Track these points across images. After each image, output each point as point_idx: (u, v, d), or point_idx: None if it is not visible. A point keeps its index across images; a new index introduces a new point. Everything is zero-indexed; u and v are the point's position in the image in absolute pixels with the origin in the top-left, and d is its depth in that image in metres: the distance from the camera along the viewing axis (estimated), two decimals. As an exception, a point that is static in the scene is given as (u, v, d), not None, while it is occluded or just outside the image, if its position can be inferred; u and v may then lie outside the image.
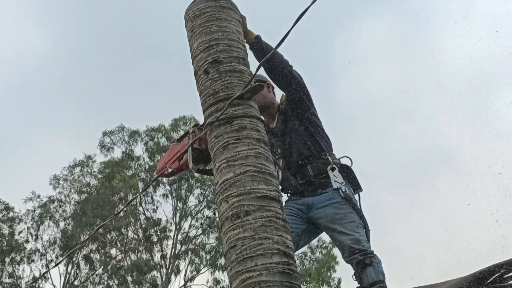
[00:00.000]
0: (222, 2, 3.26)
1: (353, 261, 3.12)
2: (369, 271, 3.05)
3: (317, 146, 3.53)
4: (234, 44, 3.14)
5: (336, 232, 3.22)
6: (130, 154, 27.20)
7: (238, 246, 2.52)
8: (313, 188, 3.41)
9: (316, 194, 3.39)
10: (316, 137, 3.56)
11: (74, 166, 27.31)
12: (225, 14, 3.23)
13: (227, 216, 2.63)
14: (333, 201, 3.31)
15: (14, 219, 26.57)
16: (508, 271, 2.30)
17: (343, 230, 3.21)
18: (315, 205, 3.37)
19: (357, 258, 3.11)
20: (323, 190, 3.37)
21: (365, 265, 3.08)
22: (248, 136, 2.83)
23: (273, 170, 2.83)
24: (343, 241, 3.18)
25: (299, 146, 3.52)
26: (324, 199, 3.34)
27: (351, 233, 3.19)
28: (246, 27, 3.49)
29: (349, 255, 3.14)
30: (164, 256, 25.34)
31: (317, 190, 3.40)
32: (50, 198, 26.71)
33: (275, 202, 2.67)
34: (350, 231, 3.20)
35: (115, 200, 25.60)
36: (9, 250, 25.61)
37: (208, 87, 3.02)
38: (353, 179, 3.49)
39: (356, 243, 3.14)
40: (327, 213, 3.29)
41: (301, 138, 3.54)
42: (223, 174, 2.75)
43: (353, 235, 3.18)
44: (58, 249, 25.89)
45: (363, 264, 3.08)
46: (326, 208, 3.30)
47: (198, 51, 3.15)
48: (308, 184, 3.43)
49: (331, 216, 3.26)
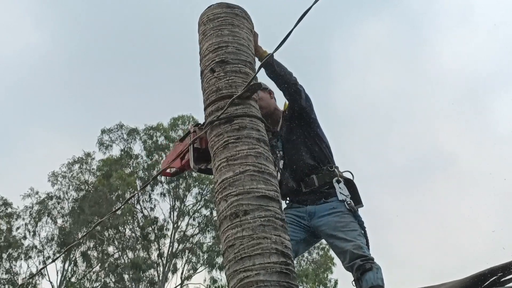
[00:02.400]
0: (236, 10, 3.32)
1: (353, 266, 3.12)
2: (369, 276, 3.05)
3: (322, 157, 3.55)
4: (243, 48, 3.18)
5: (337, 238, 3.22)
6: (129, 152, 27.17)
7: (236, 245, 2.52)
8: (317, 197, 3.43)
9: (319, 203, 3.40)
10: (321, 148, 3.59)
11: (73, 163, 27.33)
12: (238, 21, 3.28)
13: (225, 215, 2.63)
14: (336, 210, 3.32)
15: (12, 215, 26.55)
16: (506, 274, 2.30)
17: (345, 237, 3.21)
18: (317, 213, 3.37)
19: (357, 263, 3.11)
20: (326, 200, 3.39)
21: (365, 270, 3.07)
22: (248, 136, 2.84)
23: (273, 170, 2.83)
24: (344, 247, 3.18)
25: (304, 155, 3.54)
26: (327, 207, 3.35)
27: (352, 239, 3.20)
28: (258, 43, 3.52)
29: (349, 261, 3.15)
30: (161, 254, 25.32)
31: (320, 200, 3.41)
32: (49, 195, 26.70)
33: (274, 202, 2.67)
34: (351, 238, 3.21)
35: (112, 198, 25.57)
36: (7, 246, 25.59)
37: (212, 84, 3.04)
38: (355, 194, 3.51)
39: (357, 249, 3.15)
40: (329, 221, 3.30)
41: (307, 147, 3.57)
42: (222, 173, 2.75)
43: (354, 241, 3.19)
44: (55, 245, 25.87)
45: (363, 269, 3.08)
46: (328, 217, 3.31)
47: (207, 52, 3.18)
48: (312, 194, 3.45)
49: (333, 224, 3.27)
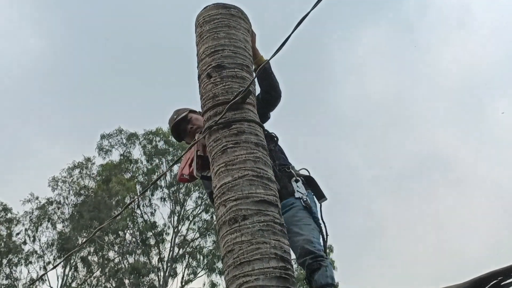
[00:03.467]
0: (232, 10, 3.30)
1: (304, 264, 3.13)
2: (318, 276, 3.05)
3: (281, 159, 3.59)
4: (239, 51, 3.17)
5: (292, 232, 3.21)
6: (128, 157, 27.17)
7: (235, 250, 2.52)
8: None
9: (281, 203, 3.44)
10: (278, 151, 3.62)
11: (73, 168, 27.31)
12: (234, 22, 3.26)
13: (224, 220, 2.63)
14: (292, 206, 3.35)
15: (12, 220, 26.52)
16: (505, 278, 2.30)
17: (298, 231, 3.23)
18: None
19: (307, 262, 3.11)
20: (286, 199, 3.39)
21: (313, 269, 3.08)
22: (246, 141, 2.84)
23: (271, 174, 2.84)
24: (296, 242, 3.19)
25: None
26: (286, 204, 3.36)
27: (304, 233, 3.21)
28: (255, 44, 3.52)
29: (299, 257, 3.16)
30: (161, 259, 25.30)
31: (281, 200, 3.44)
32: (49, 200, 26.68)
33: (273, 206, 2.68)
34: (304, 231, 3.22)
35: (112, 203, 25.55)
36: (7, 252, 25.56)
37: (209, 90, 3.04)
38: (316, 189, 3.59)
39: (308, 243, 3.15)
40: (286, 217, 3.31)
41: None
42: (221, 178, 2.75)
43: (306, 235, 3.20)
44: (55, 251, 25.85)
45: (311, 268, 3.09)
46: (286, 213, 3.31)
47: (203, 56, 3.17)
48: None
49: (288, 219, 3.27)
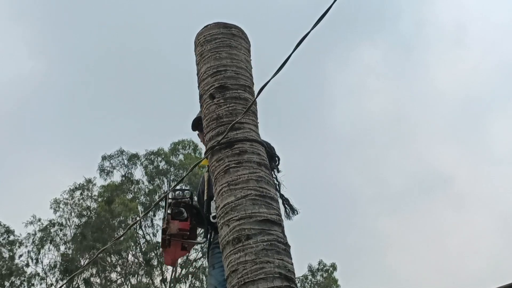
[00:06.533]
0: (233, 30, 3.30)
1: None
2: None
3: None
4: (241, 72, 3.17)
5: None
6: (130, 178, 27.15)
7: (239, 270, 2.51)
8: None
9: None
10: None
11: (74, 189, 27.27)
12: (235, 42, 3.26)
13: (228, 240, 2.63)
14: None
15: (15, 242, 26.45)
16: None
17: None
18: None
19: None
20: None
21: None
22: (249, 160, 2.84)
23: (274, 193, 2.83)
24: None
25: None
26: None
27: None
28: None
29: None
30: (164, 279, 25.15)
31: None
32: (51, 222, 26.61)
33: (276, 225, 2.67)
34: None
35: (115, 224, 25.48)
36: (9, 274, 25.43)
37: (213, 111, 3.04)
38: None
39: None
40: None
41: None
42: (224, 198, 2.75)
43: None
44: (58, 273, 25.72)
45: None
46: None
47: (205, 76, 3.17)
48: None
49: None
